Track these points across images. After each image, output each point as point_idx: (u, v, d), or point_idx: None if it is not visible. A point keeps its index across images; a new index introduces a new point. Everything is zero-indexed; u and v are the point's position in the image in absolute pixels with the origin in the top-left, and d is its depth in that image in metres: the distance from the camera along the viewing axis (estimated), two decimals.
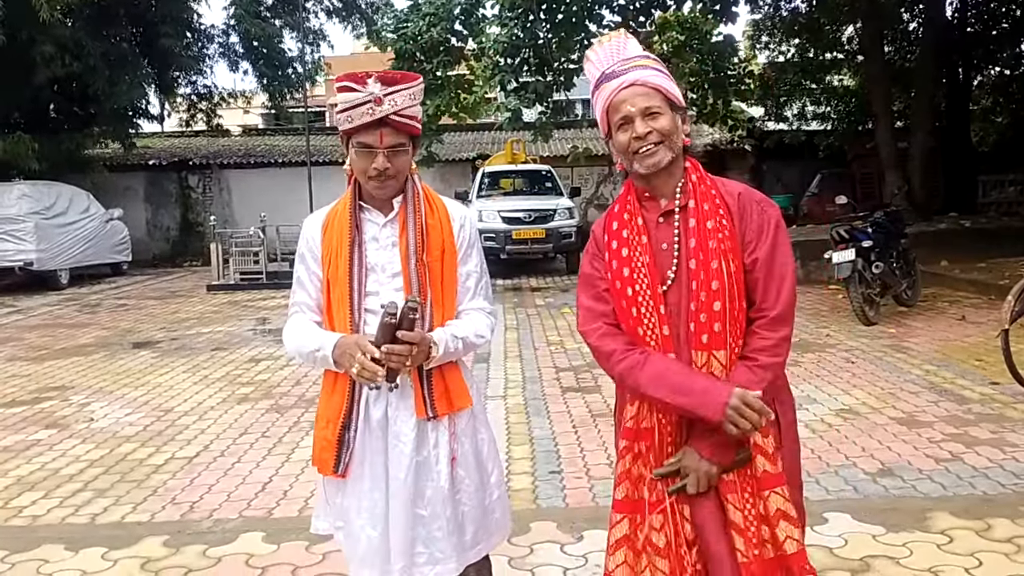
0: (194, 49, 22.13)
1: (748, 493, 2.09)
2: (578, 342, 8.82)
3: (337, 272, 2.39)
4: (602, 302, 2.22)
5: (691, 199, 2.16)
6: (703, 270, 2.09)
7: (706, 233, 2.11)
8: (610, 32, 2.35)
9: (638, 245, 2.16)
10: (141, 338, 10.16)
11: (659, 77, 2.16)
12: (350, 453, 2.38)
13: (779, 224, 2.17)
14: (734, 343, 2.10)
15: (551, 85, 16.93)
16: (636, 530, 2.17)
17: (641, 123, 2.12)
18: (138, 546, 4.01)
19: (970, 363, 7.20)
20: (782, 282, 2.12)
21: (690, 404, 2.07)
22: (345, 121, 2.33)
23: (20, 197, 15.50)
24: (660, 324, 2.12)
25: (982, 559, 3.58)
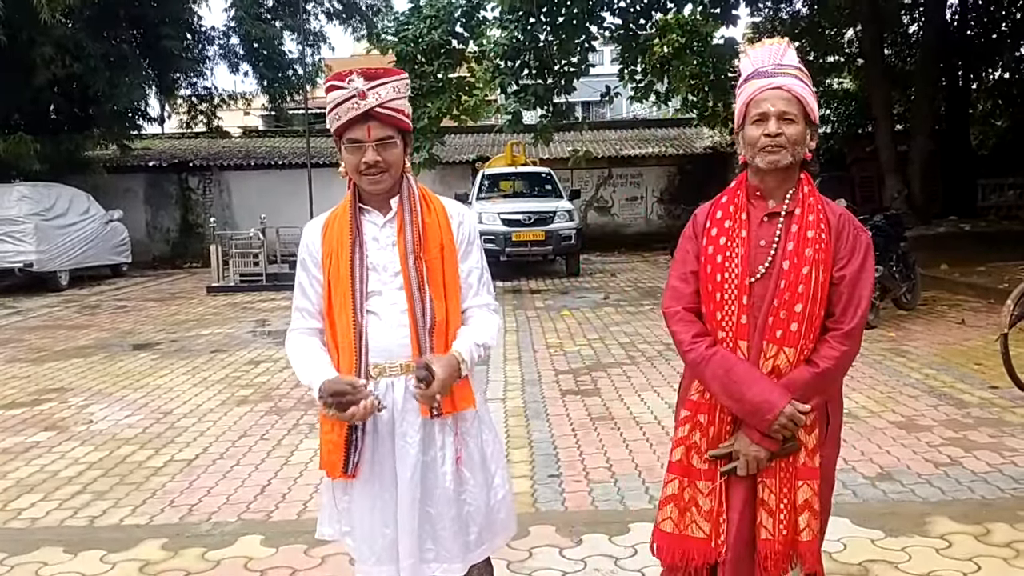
0: (194, 51, 22.14)
1: (784, 480, 2.31)
2: (578, 344, 8.82)
3: (339, 273, 2.41)
4: (687, 283, 2.43)
5: (798, 207, 2.34)
6: (794, 272, 2.28)
7: (805, 241, 2.29)
8: (776, 38, 2.52)
9: (737, 237, 2.35)
10: (141, 340, 10.16)
11: (804, 90, 2.33)
12: (359, 453, 2.39)
13: (869, 250, 2.36)
14: (805, 344, 2.29)
15: (551, 88, 16.96)
16: (683, 490, 2.40)
17: (775, 123, 2.29)
18: (137, 549, 4.01)
19: (969, 367, 7.20)
20: (860, 301, 2.30)
21: (741, 412, 2.31)
22: (334, 119, 2.37)
23: (20, 198, 15.50)
24: (740, 313, 2.31)
25: (981, 564, 3.58)
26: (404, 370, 2.40)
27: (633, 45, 17.06)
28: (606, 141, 25.32)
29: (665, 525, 2.43)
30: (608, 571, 3.65)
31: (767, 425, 2.26)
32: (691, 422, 2.41)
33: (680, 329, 2.40)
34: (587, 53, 17.10)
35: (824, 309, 2.29)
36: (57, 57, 16.31)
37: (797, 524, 2.30)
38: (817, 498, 2.32)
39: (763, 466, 2.31)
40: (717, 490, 2.35)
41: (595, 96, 18.49)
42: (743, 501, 2.34)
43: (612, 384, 7.08)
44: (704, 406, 2.39)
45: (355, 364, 2.38)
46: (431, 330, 2.40)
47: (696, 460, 2.39)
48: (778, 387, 2.27)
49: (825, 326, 2.31)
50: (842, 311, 2.30)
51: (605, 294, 13.25)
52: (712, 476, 2.36)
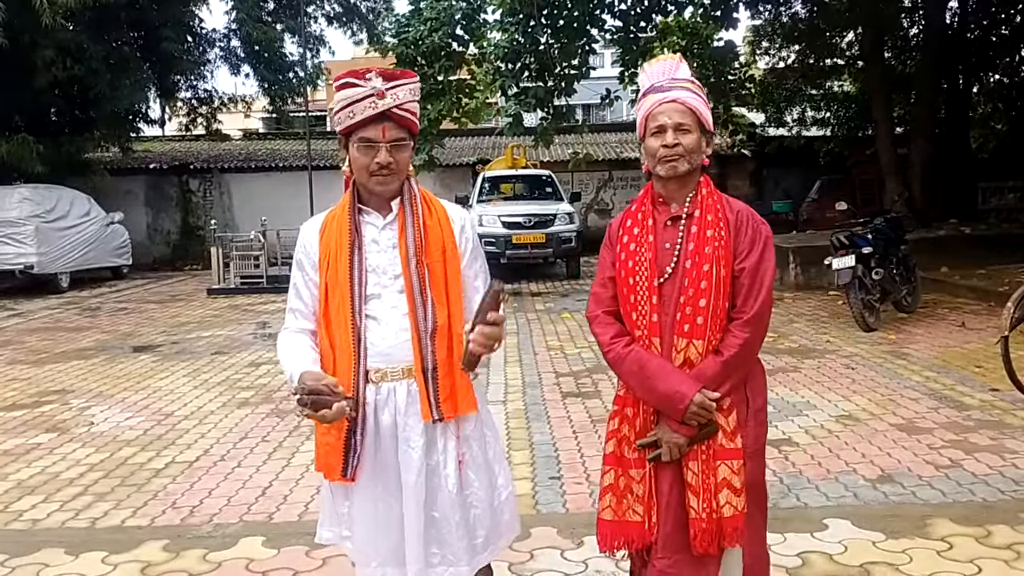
0: (195, 53, 22.14)
1: (705, 462, 2.46)
2: (578, 347, 8.83)
3: (337, 275, 2.38)
4: (606, 288, 2.60)
5: (698, 209, 2.50)
6: (696, 270, 2.44)
7: (704, 240, 2.46)
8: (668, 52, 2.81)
9: (644, 242, 2.52)
10: (141, 342, 10.17)
11: (697, 101, 2.50)
12: (358, 457, 2.37)
13: (768, 242, 2.52)
14: (712, 336, 2.45)
15: (552, 90, 16.95)
16: (619, 479, 2.57)
17: (672, 135, 2.46)
18: (138, 550, 4.02)
19: (970, 369, 7.21)
20: (760, 290, 2.47)
21: (656, 404, 2.50)
22: (346, 117, 2.33)
23: (21, 200, 15.52)
24: (651, 312, 2.48)
25: (982, 566, 3.59)
26: (406, 375, 2.38)
27: (634, 48, 17.06)
28: (606, 144, 25.33)
29: (605, 514, 2.58)
30: (609, 573, 3.65)
31: (680, 414, 2.42)
32: (619, 415, 2.59)
33: (600, 331, 2.58)
34: (588, 56, 17.10)
35: (728, 302, 2.46)
36: (58, 59, 16.32)
37: (718, 501, 2.45)
38: (737, 476, 2.46)
39: (684, 451, 2.46)
40: (647, 476, 2.52)
41: (595, 99, 18.49)
42: (670, 484, 2.50)
43: (613, 386, 7.06)
44: (630, 400, 2.57)
45: (353, 368, 2.35)
46: (432, 334, 2.37)
47: (627, 450, 2.56)
48: (688, 378, 2.43)
49: (730, 316, 2.47)
50: (743, 300, 2.46)
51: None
52: (642, 464, 2.53)
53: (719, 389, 2.44)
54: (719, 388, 2.44)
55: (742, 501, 2.47)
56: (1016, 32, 21.79)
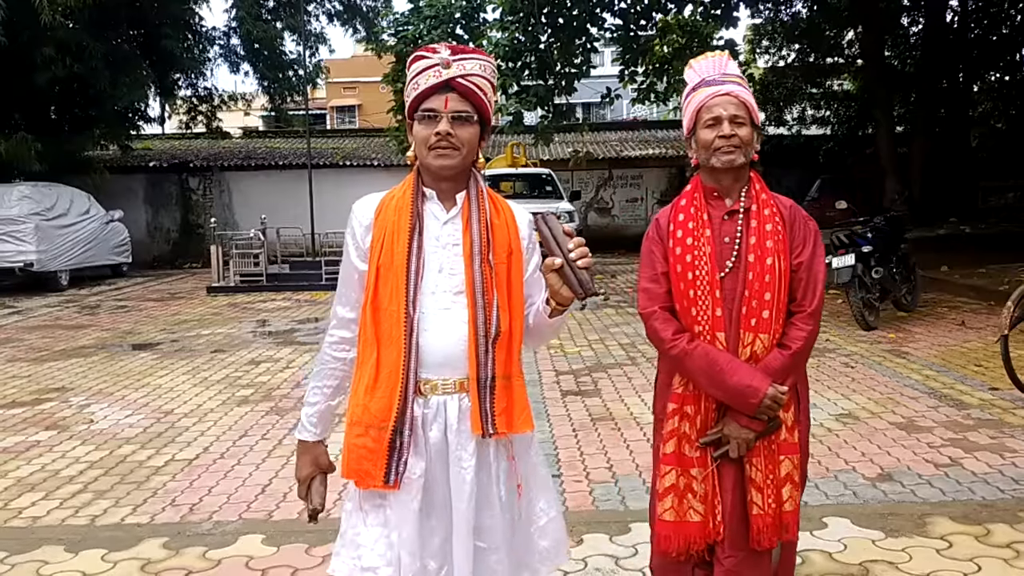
0: (195, 51, 22.14)
1: (768, 457, 2.49)
2: (578, 345, 8.82)
3: (392, 259, 2.14)
4: (658, 284, 2.56)
5: (754, 203, 2.53)
6: (759, 264, 2.46)
7: (765, 234, 2.48)
8: (716, 51, 2.75)
9: (702, 236, 2.51)
10: (141, 340, 10.17)
11: (749, 96, 2.54)
12: (405, 462, 2.12)
13: (817, 236, 2.56)
14: (776, 329, 2.47)
15: (552, 89, 16.97)
16: (679, 479, 2.53)
17: (728, 126, 2.47)
18: (138, 548, 4.01)
19: (969, 368, 7.21)
20: (817, 284, 2.51)
21: (727, 400, 2.46)
22: (412, 88, 2.18)
23: (21, 198, 15.50)
24: (714, 306, 2.47)
25: (981, 564, 3.59)
26: (458, 388, 2.15)
27: (634, 46, 17.07)
28: (606, 142, 25.34)
29: (667, 515, 2.55)
30: (609, 571, 3.65)
31: (753, 408, 2.41)
32: (679, 414, 2.54)
33: (660, 327, 2.54)
34: (589, 54, 17.12)
35: (787, 295, 2.48)
36: (58, 57, 16.31)
37: (781, 496, 2.48)
38: (797, 470, 2.52)
39: (751, 446, 2.47)
40: (711, 475, 2.50)
41: (595, 97, 18.50)
42: (733, 481, 2.50)
43: (612, 384, 7.09)
44: (689, 397, 2.53)
45: (403, 365, 2.11)
46: (494, 342, 2.13)
47: (688, 449, 2.52)
48: (758, 372, 2.43)
49: (789, 310, 2.49)
50: (803, 294, 2.49)
51: (605, 295, 13.26)
52: (704, 462, 2.51)
53: (786, 382, 2.46)
54: (786, 381, 2.46)
55: (799, 495, 2.54)
56: (1016, 31, 21.79)
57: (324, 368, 2.31)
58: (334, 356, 2.30)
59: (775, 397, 2.41)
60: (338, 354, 2.29)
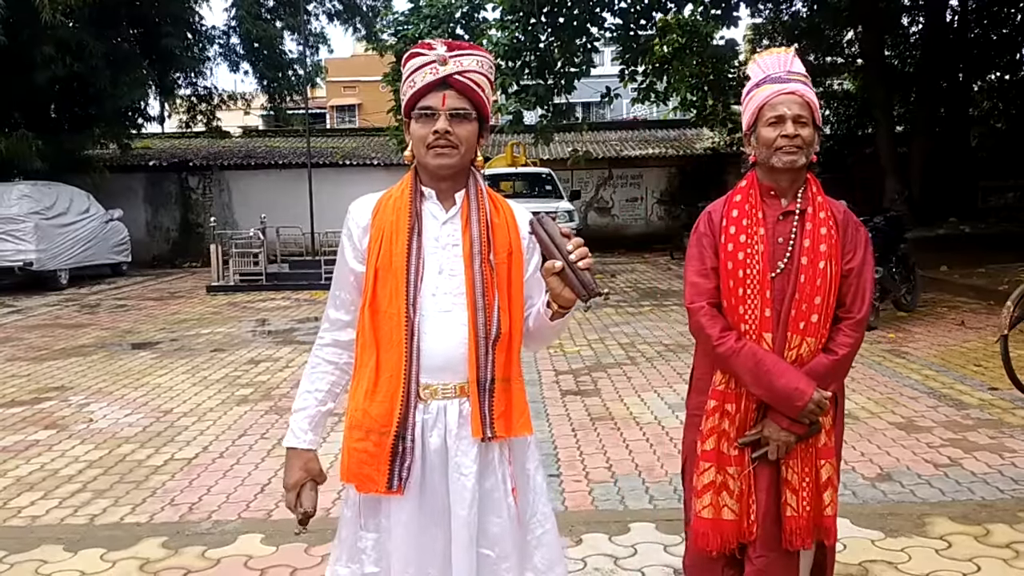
0: (195, 50, 22.12)
1: (806, 460, 2.49)
2: (578, 345, 8.82)
3: (391, 261, 2.10)
4: (707, 279, 2.54)
5: (810, 206, 2.50)
6: (812, 267, 2.44)
7: (819, 237, 2.46)
8: (783, 47, 2.72)
9: (756, 234, 2.48)
10: (140, 339, 10.16)
11: (813, 96, 2.50)
12: (408, 468, 2.08)
13: (868, 243, 2.55)
14: (824, 334, 2.46)
15: (552, 88, 16.97)
16: (717, 476, 2.52)
17: (792, 125, 2.44)
18: (137, 547, 4.01)
19: (969, 368, 7.21)
20: (867, 292, 2.50)
21: (772, 401, 2.45)
22: (408, 88, 2.13)
23: (20, 197, 15.49)
24: (763, 306, 2.46)
25: (980, 564, 3.59)
26: (458, 392, 2.11)
27: (634, 46, 17.08)
28: (606, 142, 25.34)
29: (705, 512, 2.54)
30: (608, 571, 3.65)
31: (797, 412, 2.40)
32: (719, 411, 2.53)
33: (707, 323, 2.51)
34: (589, 54, 17.12)
35: (836, 300, 2.46)
36: (58, 56, 16.29)
37: (822, 500, 2.49)
38: (836, 475, 2.52)
39: (791, 449, 2.46)
40: (748, 474, 2.50)
41: (595, 97, 18.49)
42: (768, 482, 2.50)
43: (612, 384, 7.09)
44: (731, 395, 2.51)
45: (404, 368, 2.07)
46: (494, 344, 2.09)
47: (726, 447, 2.51)
48: (804, 376, 2.42)
49: (836, 316, 2.47)
50: (851, 301, 2.48)
51: (605, 295, 13.25)
52: (741, 462, 2.50)
53: (830, 387, 2.46)
54: (830, 386, 2.46)
55: (838, 499, 2.56)
56: (1016, 30, 21.79)
57: (314, 372, 2.25)
58: (325, 360, 2.25)
59: (820, 402, 2.40)
60: (329, 358, 2.25)
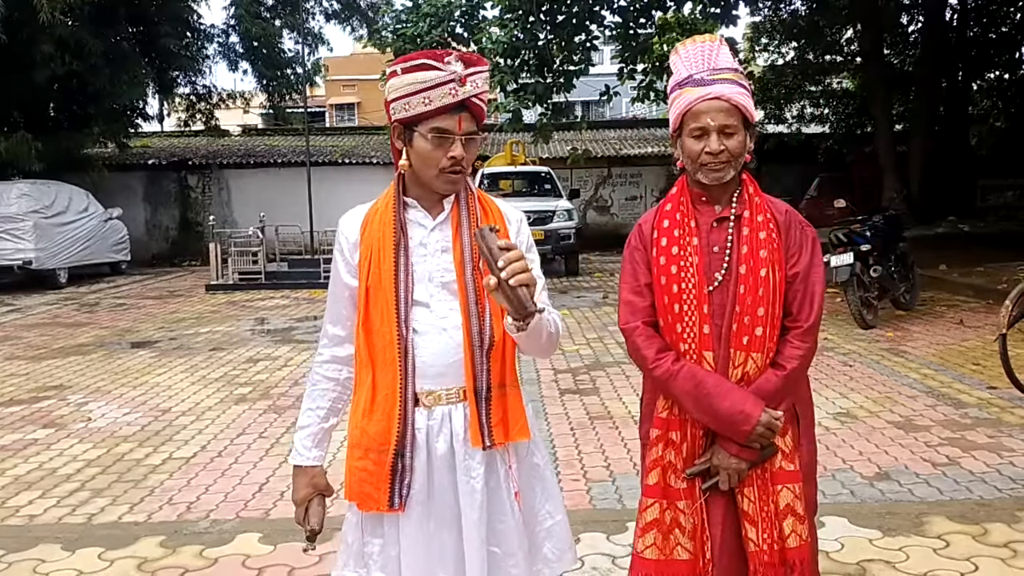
0: (193, 49, 22.12)
1: (762, 487, 2.24)
2: (576, 344, 8.82)
3: (380, 279, 2.10)
4: (642, 296, 2.32)
5: (746, 209, 2.28)
6: (752, 276, 2.22)
7: (758, 242, 2.24)
8: (705, 34, 2.38)
9: (688, 246, 2.27)
10: (139, 338, 10.16)
11: (742, 95, 2.24)
12: (408, 485, 2.08)
13: (815, 243, 2.32)
14: (771, 346, 2.23)
15: (551, 86, 16.94)
16: (664, 513, 2.29)
17: (716, 140, 2.21)
18: (135, 546, 4.01)
19: (968, 367, 7.21)
20: (815, 297, 2.26)
21: (716, 427, 2.23)
22: (420, 104, 2.04)
23: (19, 196, 15.49)
24: (701, 323, 2.23)
25: (978, 564, 3.59)
26: (462, 397, 2.11)
27: (633, 44, 17.06)
28: (605, 140, 25.33)
29: (648, 553, 2.30)
30: (605, 570, 3.65)
31: (745, 436, 2.18)
32: (663, 441, 2.31)
33: (643, 344, 2.30)
34: (588, 52, 17.11)
35: (782, 309, 2.25)
36: (57, 55, 16.28)
37: (783, 531, 2.23)
38: (800, 500, 2.24)
39: (743, 477, 2.23)
40: (699, 508, 2.27)
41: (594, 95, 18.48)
42: (723, 513, 2.26)
43: (611, 383, 7.09)
44: (675, 422, 2.30)
45: (400, 386, 2.08)
46: (489, 351, 2.09)
47: (674, 479, 2.29)
48: (750, 396, 2.19)
49: (784, 325, 2.26)
50: (798, 308, 2.26)
51: (604, 293, 13.26)
52: (692, 494, 2.27)
53: (780, 406, 2.22)
54: (780, 405, 2.22)
55: (806, 529, 2.25)
56: (1016, 29, 21.80)
57: (315, 389, 2.24)
58: (325, 376, 2.24)
59: (769, 424, 2.18)
60: (330, 374, 2.24)
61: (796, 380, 2.27)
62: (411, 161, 2.12)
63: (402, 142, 2.13)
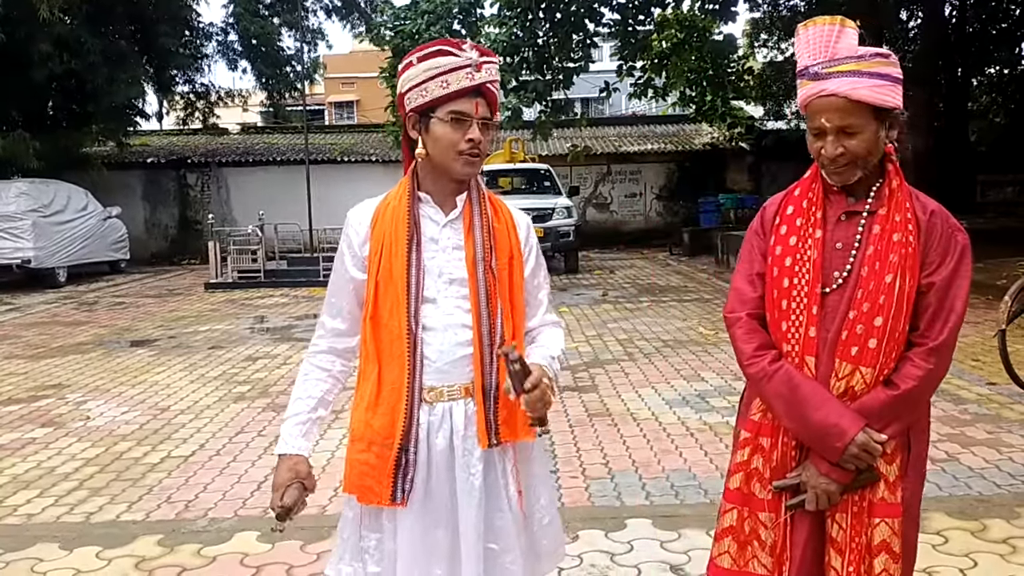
0: (192, 47, 22.12)
1: (856, 516, 2.02)
2: (576, 341, 8.81)
3: (391, 273, 2.10)
4: (752, 286, 2.14)
5: (884, 205, 2.03)
6: (874, 281, 1.98)
7: (889, 245, 1.99)
8: (826, 16, 2.11)
9: (809, 238, 2.06)
10: (138, 336, 10.16)
11: (866, 88, 1.98)
12: (411, 480, 2.09)
13: (965, 253, 2.03)
14: (886, 363, 1.98)
15: (550, 84, 16.96)
16: (743, 522, 2.12)
17: (833, 142, 2.00)
18: (132, 545, 4.01)
19: (967, 363, 7.20)
20: (951, 314, 1.99)
21: (806, 439, 2.04)
22: (438, 87, 2.06)
23: (18, 195, 15.49)
24: (808, 324, 2.03)
25: (977, 560, 3.59)
26: (464, 394, 2.12)
27: (632, 41, 17.06)
28: (605, 138, 25.29)
29: (722, 560, 2.15)
30: (604, 567, 3.65)
31: (837, 454, 1.97)
32: (752, 445, 2.12)
33: (742, 338, 2.12)
34: (587, 49, 17.11)
35: (909, 323, 1.99)
36: (55, 54, 16.29)
37: (872, 568, 2.00)
38: (898, 537, 2.00)
39: (835, 500, 2.01)
40: (782, 524, 2.07)
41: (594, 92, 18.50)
42: (808, 534, 2.06)
43: (610, 380, 7.08)
44: (767, 428, 2.10)
45: (407, 380, 2.08)
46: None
47: (758, 488, 2.10)
48: (850, 411, 1.97)
49: (909, 341, 2.00)
50: (928, 323, 1.99)
51: (603, 291, 13.26)
52: (776, 507, 2.07)
53: (886, 429, 1.97)
54: (887, 428, 1.97)
55: (899, 569, 2.01)
56: (1015, 25, 21.77)
57: (307, 379, 2.22)
58: (318, 367, 2.22)
59: (866, 445, 1.94)
60: (323, 365, 2.22)
61: (912, 403, 2.00)
62: (427, 149, 2.11)
63: (417, 131, 2.13)
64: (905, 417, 2.01)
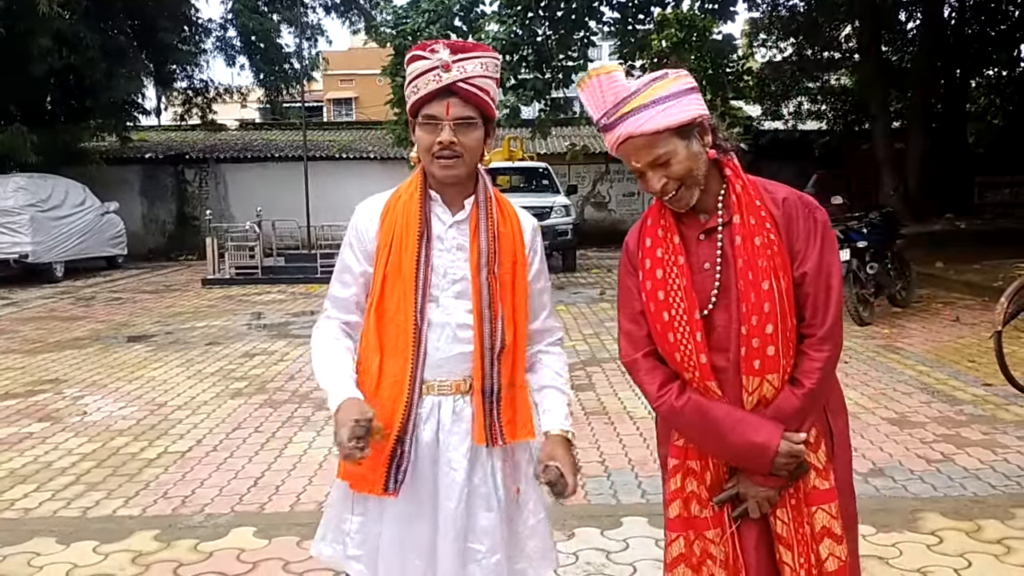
0: (191, 43, 22.11)
1: (795, 508, 2.05)
2: (573, 340, 8.82)
3: (400, 267, 2.10)
4: (638, 325, 2.11)
5: (735, 213, 2.01)
6: (753, 292, 1.96)
7: (754, 251, 1.97)
8: (585, 74, 2.07)
9: (674, 266, 2.03)
10: (136, 332, 10.15)
11: (651, 118, 1.93)
12: (405, 471, 2.09)
13: (826, 230, 2.03)
14: (787, 363, 2.00)
15: (550, 82, 16.97)
16: (691, 546, 2.12)
17: (653, 176, 1.98)
18: (129, 540, 4.01)
19: (963, 364, 7.22)
20: (829, 294, 2.00)
21: (731, 461, 2.06)
22: (412, 93, 2.10)
23: (16, 189, 15.48)
24: (698, 352, 2.01)
25: (972, 560, 3.59)
26: (454, 390, 2.13)
27: (632, 40, 17.08)
28: None
29: None
30: (600, 565, 3.66)
31: (766, 468, 1.99)
32: (682, 471, 2.12)
33: (645, 380, 2.09)
34: (587, 48, 17.13)
35: (795, 316, 2.00)
36: (54, 48, 16.26)
37: (820, 555, 2.03)
38: (837, 520, 2.04)
39: (775, 501, 2.04)
40: (729, 537, 2.08)
41: None
42: (757, 538, 2.08)
43: (607, 379, 7.09)
44: (693, 451, 2.10)
45: (409, 373, 2.09)
46: (500, 353, 2.12)
47: (698, 510, 2.11)
48: (765, 423, 1.98)
49: (800, 333, 2.01)
50: (812, 312, 2.00)
51: (601, 290, 13.27)
52: (720, 522, 2.08)
53: (803, 426, 2.00)
54: (803, 425, 2.00)
55: (844, 549, 2.05)
56: (1014, 26, 21.81)
57: (338, 343, 2.16)
58: (341, 330, 2.19)
59: (790, 451, 1.97)
60: (345, 329, 2.19)
61: (818, 395, 2.02)
62: (419, 154, 2.15)
63: (412, 133, 2.17)
64: (816, 407, 2.04)
